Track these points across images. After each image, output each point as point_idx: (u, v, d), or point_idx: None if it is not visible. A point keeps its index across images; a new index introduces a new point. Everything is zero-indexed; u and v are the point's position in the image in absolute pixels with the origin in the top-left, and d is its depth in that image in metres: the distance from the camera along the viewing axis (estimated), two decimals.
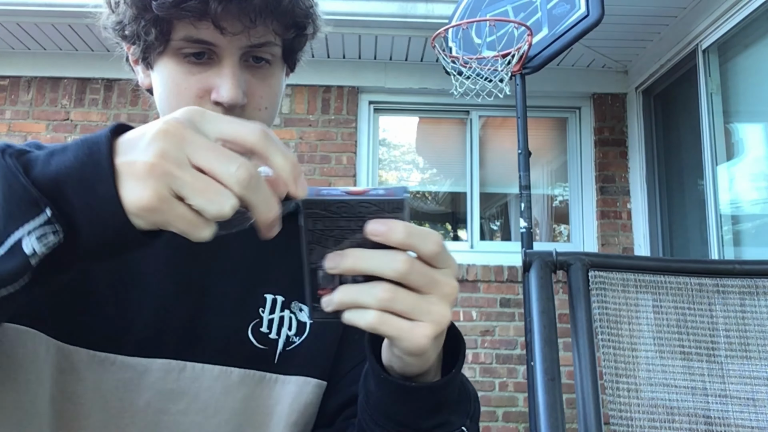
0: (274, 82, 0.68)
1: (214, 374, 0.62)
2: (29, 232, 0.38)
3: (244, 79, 0.64)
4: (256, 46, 0.63)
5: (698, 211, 3.23)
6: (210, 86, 0.62)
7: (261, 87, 0.66)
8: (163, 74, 0.65)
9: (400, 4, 3.40)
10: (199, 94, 0.63)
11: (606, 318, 0.98)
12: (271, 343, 0.66)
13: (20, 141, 3.69)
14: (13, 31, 3.51)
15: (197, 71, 0.63)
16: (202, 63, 0.63)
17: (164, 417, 0.59)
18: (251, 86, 0.65)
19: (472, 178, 3.87)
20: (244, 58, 0.64)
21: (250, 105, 0.65)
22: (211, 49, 0.62)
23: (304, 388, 0.66)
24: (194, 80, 0.63)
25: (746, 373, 0.95)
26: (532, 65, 2.80)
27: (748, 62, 2.89)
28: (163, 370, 0.60)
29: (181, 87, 0.63)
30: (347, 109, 3.82)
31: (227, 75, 0.62)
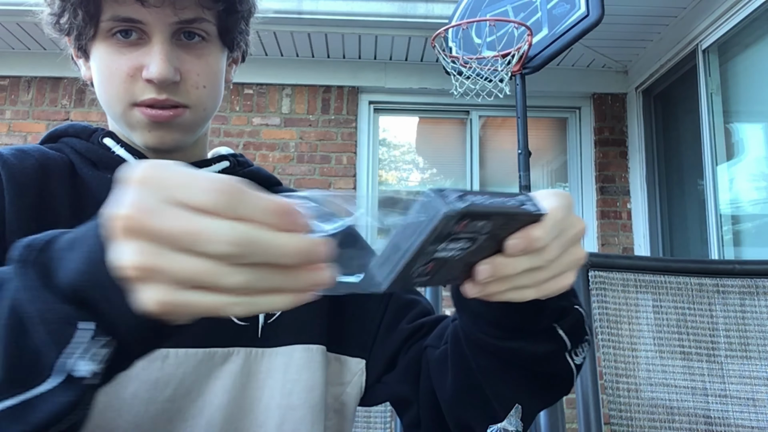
0: (212, 61, 0.67)
1: (198, 358, 0.62)
2: (76, 354, 0.33)
3: (176, 56, 0.63)
4: (186, 22, 0.63)
5: (698, 211, 3.23)
6: (141, 65, 0.62)
7: (197, 64, 0.65)
8: (96, 60, 0.65)
9: (400, 4, 3.40)
10: (130, 73, 0.62)
11: (606, 318, 0.98)
12: (251, 319, 0.66)
13: (20, 141, 3.69)
14: (13, 31, 3.51)
15: (128, 51, 0.63)
16: (132, 43, 0.63)
17: (152, 406, 0.59)
18: (185, 63, 0.64)
19: (472, 178, 3.87)
20: (176, 36, 0.63)
21: (187, 83, 0.64)
22: (140, 28, 0.62)
23: (293, 356, 0.66)
24: (125, 60, 0.63)
25: (746, 373, 0.95)
26: (532, 65, 2.80)
27: (748, 62, 2.89)
28: (146, 360, 0.59)
29: (112, 68, 0.63)
30: (347, 109, 3.82)
31: (156, 51, 0.61)
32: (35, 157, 0.65)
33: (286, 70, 3.81)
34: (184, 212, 0.32)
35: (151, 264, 0.32)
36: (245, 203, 0.32)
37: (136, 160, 0.68)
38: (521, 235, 0.43)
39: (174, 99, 0.63)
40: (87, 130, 0.71)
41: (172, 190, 0.32)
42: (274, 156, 3.73)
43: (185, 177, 0.33)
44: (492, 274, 0.44)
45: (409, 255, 0.40)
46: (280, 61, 3.81)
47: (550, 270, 0.46)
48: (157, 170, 0.33)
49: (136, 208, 0.32)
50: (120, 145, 0.69)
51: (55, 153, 0.68)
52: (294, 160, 3.74)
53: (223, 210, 0.32)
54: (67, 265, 0.35)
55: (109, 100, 0.65)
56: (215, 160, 0.74)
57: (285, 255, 0.33)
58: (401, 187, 4.13)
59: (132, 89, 0.63)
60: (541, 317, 0.53)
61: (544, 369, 0.57)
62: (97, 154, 0.68)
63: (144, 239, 0.32)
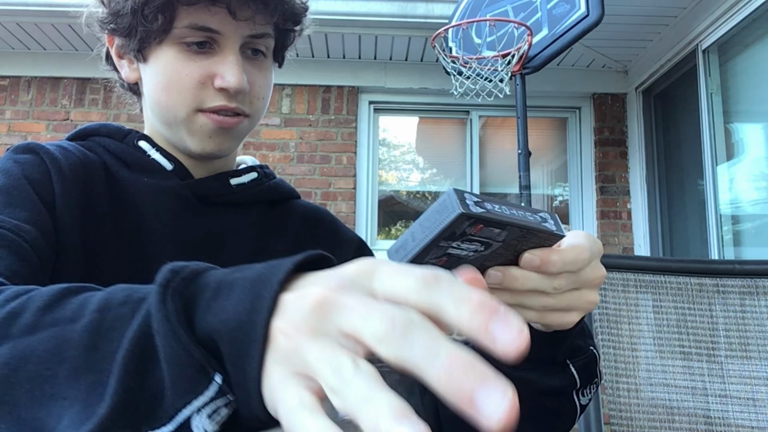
0: (269, 74, 0.70)
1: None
2: (199, 408, 0.28)
3: (245, 68, 0.65)
4: (256, 37, 0.65)
5: (698, 211, 3.23)
6: (213, 73, 0.63)
7: (259, 76, 0.68)
8: (160, 64, 0.64)
9: (400, 4, 3.40)
10: (201, 80, 0.63)
11: (606, 318, 0.98)
12: None
13: (20, 141, 3.69)
14: (13, 31, 3.51)
15: (198, 59, 0.63)
16: (204, 52, 0.63)
17: None
18: (251, 75, 0.66)
19: (472, 178, 3.87)
20: (243, 48, 0.65)
21: (251, 93, 0.66)
22: (213, 38, 0.63)
23: None
24: (196, 66, 0.63)
25: (746, 373, 0.95)
26: (532, 65, 2.80)
27: (748, 62, 2.89)
28: None
29: (182, 74, 0.63)
30: (347, 109, 3.82)
31: (232, 61, 0.63)
32: (77, 156, 0.64)
33: (286, 70, 3.77)
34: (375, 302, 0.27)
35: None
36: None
37: (171, 165, 0.69)
38: (538, 253, 0.44)
39: (241, 107, 0.65)
40: (121, 131, 0.71)
41: (382, 284, 0.28)
42: (274, 156, 3.73)
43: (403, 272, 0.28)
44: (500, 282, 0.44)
45: (422, 245, 0.41)
46: None
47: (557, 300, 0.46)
48: (380, 266, 0.29)
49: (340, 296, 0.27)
50: (156, 149, 0.69)
51: (92, 154, 0.67)
52: (294, 160, 3.74)
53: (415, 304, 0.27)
54: (217, 308, 0.30)
55: (172, 104, 0.65)
56: (245, 171, 0.74)
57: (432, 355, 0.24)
58: (401, 187, 4.13)
59: (201, 96, 0.64)
60: (557, 351, 0.54)
61: (550, 404, 0.57)
62: (133, 156, 0.68)
63: (327, 317, 0.27)
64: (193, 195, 0.68)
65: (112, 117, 3.68)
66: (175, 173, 0.68)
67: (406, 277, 0.27)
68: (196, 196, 0.68)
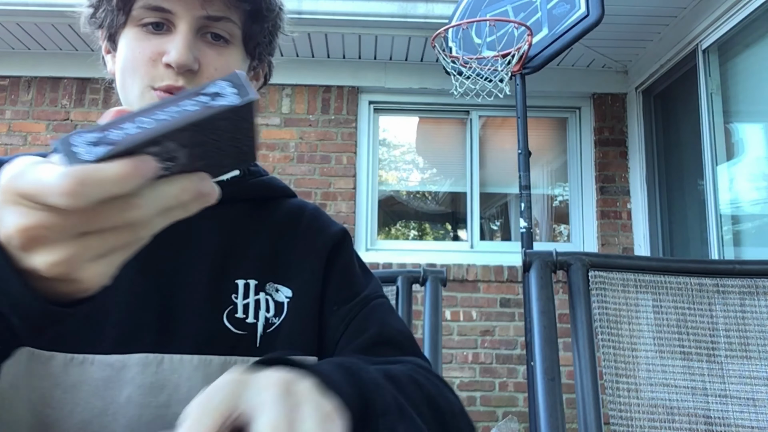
0: (231, 61, 0.68)
1: (194, 364, 0.62)
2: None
3: (199, 48, 0.65)
4: (213, 19, 0.65)
5: (698, 211, 3.23)
6: (163, 50, 0.64)
7: (217, 59, 0.67)
8: (122, 47, 0.67)
9: (400, 4, 3.40)
10: (153, 57, 0.64)
11: (606, 318, 0.98)
12: (249, 328, 0.66)
13: (20, 141, 3.69)
14: (13, 31, 3.51)
15: (153, 38, 0.65)
16: (160, 33, 0.65)
17: (146, 411, 0.59)
18: (206, 57, 0.66)
19: (472, 178, 3.87)
20: (202, 31, 0.66)
21: (203, 74, 0.66)
22: (169, 19, 0.64)
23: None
24: (148, 45, 0.65)
25: (746, 373, 0.95)
26: (532, 65, 2.80)
27: (748, 62, 2.89)
28: (141, 365, 0.60)
29: (135, 52, 0.65)
30: (347, 109, 3.82)
31: (178, 39, 0.64)
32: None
33: (286, 70, 3.81)
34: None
35: (33, 224, 0.34)
36: (90, 188, 0.34)
37: None
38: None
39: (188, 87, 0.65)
40: None
41: (28, 196, 0.35)
42: (274, 156, 3.73)
43: (34, 181, 0.35)
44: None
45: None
46: (279, 61, 3.79)
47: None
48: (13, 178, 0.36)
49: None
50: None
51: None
52: (294, 160, 3.74)
53: (74, 202, 0.34)
54: None
55: (129, 83, 0.66)
56: None
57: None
58: (401, 187, 4.13)
59: (152, 73, 0.65)
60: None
61: None
62: None
63: (20, 203, 0.35)
64: None
65: None
66: None
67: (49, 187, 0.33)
68: None
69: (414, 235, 4.18)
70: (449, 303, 3.59)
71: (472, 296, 3.61)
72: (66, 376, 0.58)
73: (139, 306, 0.62)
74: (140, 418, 0.59)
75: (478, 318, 3.59)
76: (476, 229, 3.81)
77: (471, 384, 3.52)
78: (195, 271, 0.66)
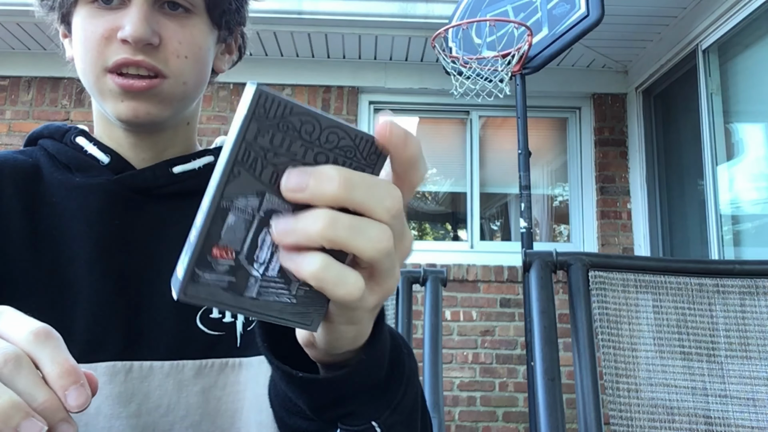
0: (197, 33, 0.63)
1: (164, 371, 0.59)
2: None
3: (156, 20, 0.60)
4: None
5: (698, 211, 3.23)
6: (117, 26, 0.59)
7: (179, 32, 0.61)
8: (76, 28, 0.62)
9: (400, 4, 3.40)
10: (106, 35, 0.59)
11: (606, 318, 0.98)
12: (227, 328, 0.62)
13: (20, 141, 3.69)
14: (13, 31, 3.51)
15: (106, 14, 0.60)
16: (112, 8, 0.60)
17: (116, 422, 0.56)
18: (166, 29, 0.60)
19: (472, 178, 3.87)
20: (159, 3, 0.60)
21: (167, 48, 0.60)
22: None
23: (261, 368, 0.61)
24: (101, 22, 0.60)
25: (746, 373, 0.95)
26: (532, 65, 2.80)
27: (748, 62, 2.89)
28: (108, 374, 0.57)
29: (88, 32, 0.60)
30: (347, 109, 3.82)
31: (133, 11, 0.58)
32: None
33: (286, 70, 3.81)
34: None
35: None
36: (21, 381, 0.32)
37: (107, 158, 0.64)
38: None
39: (149, 62, 0.59)
40: (60, 130, 0.67)
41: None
42: None
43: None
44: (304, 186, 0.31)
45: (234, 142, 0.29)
46: (280, 61, 3.81)
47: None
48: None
49: None
50: (93, 143, 0.65)
51: (23, 158, 0.64)
52: None
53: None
54: None
55: (84, 67, 0.62)
56: (196, 155, 0.68)
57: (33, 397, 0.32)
58: None
59: (105, 52, 0.59)
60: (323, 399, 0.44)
61: None
62: (68, 155, 0.64)
63: None
64: (130, 188, 0.63)
65: None
66: (110, 167, 0.64)
67: (20, 324, 0.34)
68: (134, 189, 0.63)
69: (414, 235, 4.19)
70: (449, 303, 3.59)
71: (472, 296, 3.61)
72: None
73: (105, 311, 0.58)
74: (110, 430, 0.56)
75: (478, 318, 3.59)
76: (476, 229, 3.81)
77: (471, 384, 3.52)
78: (164, 272, 0.58)
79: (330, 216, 0.31)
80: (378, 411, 0.44)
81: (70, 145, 0.66)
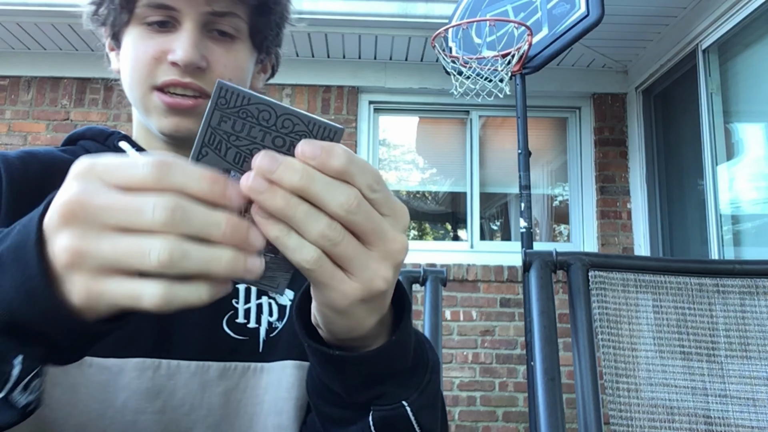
0: (240, 57, 0.67)
1: (191, 370, 0.61)
2: (15, 390, 0.35)
3: (205, 45, 0.64)
4: (218, 15, 0.64)
5: (698, 211, 3.23)
6: (168, 48, 0.63)
7: (225, 56, 0.65)
8: (126, 46, 0.66)
9: (400, 4, 3.40)
10: (156, 56, 0.63)
11: (606, 318, 0.98)
12: (251, 333, 0.65)
13: (20, 141, 3.69)
14: (13, 31, 3.51)
15: (157, 36, 0.64)
16: (164, 31, 0.64)
17: (142, 417, 0.58)
18: (214, 53, 0.65)
19: (472, 178, 3.87)
20: (208, 28, 0.65)
21: (213, 72, 0.65)
22: (173, 16, 0.63)
23: (284, 373, 0.64)
24: (152, 43, 0.63)
25: (746, 373, 0.95)
26: (532, 65, 2.80)
27: (748, 62, 2.89)
28: (137, 369, 0.59)
29: (139, 51, 0.64)
30: (347, 109, 3.82)
31: (184, 36, 0.62)
32: (41, 161, 0.64)
33: (285, 70, 3.79)
34: (117, 193, 0.33)
35: (80, 246, 0.32)
36: (174, 173, 0.32)
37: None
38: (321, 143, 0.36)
39: (197, 84, 0.63)
40: (103, 133, 0.71)
41: (105, 175, 0.33)
42: None
43: (118, 161, 0.34)
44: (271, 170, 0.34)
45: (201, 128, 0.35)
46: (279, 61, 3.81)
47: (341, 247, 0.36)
48: (93, 161, 0.34)
49: (74, 194, 0.33)
50: (135, 148, 0.69)
51: (68, 156, 0.67)
52: None
53: (153, 183, 0.32)
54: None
55: (132, 83, 0.66)
56: None
57: (214, 224, 0.33)
58: (401, 187, 4.13)
59: (155, 72, 0.63)
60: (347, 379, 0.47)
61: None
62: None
63: (80, 223, 0.32)
64: None
65: (112, 117, 3.68)
66: None
67: (131, 167, 0.33)
68: None
69: (414, 234, 4.18)
70: (449, 303, 3.59)
71: (472, 296, 3.61)
72: (65, 376, 0.57)
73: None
74: (135, 424, 0.58)
75: (478, 318, 3.59)
76: (476, 229, 3.81)
77: (471, 384, 3.52)
78: None
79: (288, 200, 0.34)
80: (407, 392, 0.48)
81: (113, 148, 0.69)
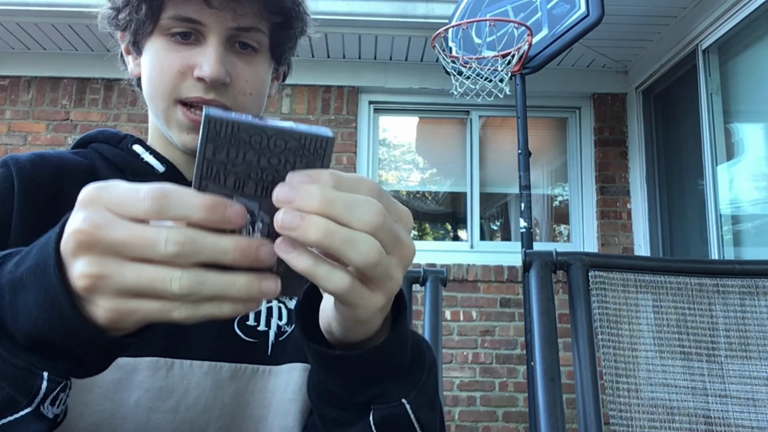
0: (261, 70, 0.68)
1: (203, 370, 0.62)
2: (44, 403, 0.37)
3: (229, 60, 0.65)
4: (243, 30, 0.64)
5: (698, 211, 3.23)
6: (193, 63, 0.63)
7: (246, 71, 0.66)
8: (149, 55, 0.66)
9: (400, 4, 3.40)
10: (182, 70, 0.63)
11: (606, 318, 0.98)
12: (261, 335, 0.66)
13: (20, 141, 3.69)
14: (13, 31, 3.51)
15: (182, 49, 0.64)
16: (188, 43, 0.64)
17: (154, 415, 0.59)
18: (236, 68, 0.65)
19: (472, 178, 3.87)
20: (231, 42, 0.65)
21: (235, 87, 0.65)
22: (198, 30, 0.63)
23: (291, 375, 0.65)
24: (178, 57, 0.64)
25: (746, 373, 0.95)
26: (532, 65, 2.80)
27: (748, 62, 2.89)
28: (151, 368, 0.60)
29: (164, 63, 0.64)
30: (347, 109, 3.82)
31: (211, 52, 0.63)
32: (53, 164, 0.64)
33: None
34: (129, 223, 0.34)
35: (100, 272, 0.33)
36: (173, 204, 0.34)
37: (162, 167, 0.69)
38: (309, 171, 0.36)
39: (220, 100, 0.64)
40: (116, 136, 0.72)
41: (115, 205, 0.34)
42: None
43: (124, 191, 0.35)
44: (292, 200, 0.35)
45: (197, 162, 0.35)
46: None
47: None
48: (101, 189, 0.35)
49: (86, 224, 0.34)
50: (149, 152, 0.69)
51: (79, 159, 0.68)
52: None
53: (155, 215, 0.33)
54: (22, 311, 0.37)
55: (155, 95, 0.66)
56: None
57: (222, 251, 0.34)
58: (401, 187, 4.13)
59: (179, 86, 0.64)
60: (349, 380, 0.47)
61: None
62: (125, 161, 0.68)
63: (95, 252, 0.34)
64: None
65: (112, 117, 3.68)
66: (165, 176, 0.68)
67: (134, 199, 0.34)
68: None
69: (414, 235, 4.19)
70: (449, 303, 3.59)
71: (472, 296, 3.61)
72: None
73: None
74: (147, 422, 0.58)
75: (478, 318, 3.59)
76: (476, 229, 3.81)
77: (471, 384, 3.52)
78: None
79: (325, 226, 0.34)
80: (406, 390, 0.48)
81: (126, 152, 0.69)
